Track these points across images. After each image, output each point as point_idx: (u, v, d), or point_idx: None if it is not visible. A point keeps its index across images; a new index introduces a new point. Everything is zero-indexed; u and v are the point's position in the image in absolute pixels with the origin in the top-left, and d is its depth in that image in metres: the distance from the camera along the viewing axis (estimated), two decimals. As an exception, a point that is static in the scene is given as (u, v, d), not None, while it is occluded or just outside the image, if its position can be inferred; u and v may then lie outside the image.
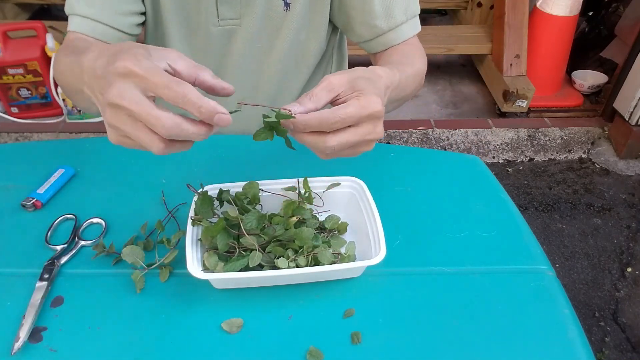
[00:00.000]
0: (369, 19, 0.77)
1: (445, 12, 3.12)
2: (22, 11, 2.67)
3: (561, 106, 2.37)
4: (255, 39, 0.81)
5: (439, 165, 0.81)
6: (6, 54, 1.96)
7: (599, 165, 2.18)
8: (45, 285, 0.58)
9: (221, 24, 0.79)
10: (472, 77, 2.63)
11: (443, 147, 2.19)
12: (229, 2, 0.76)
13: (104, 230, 0.66)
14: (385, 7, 0.76)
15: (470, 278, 0.62)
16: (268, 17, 0.79)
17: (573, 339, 0.56)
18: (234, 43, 0.82)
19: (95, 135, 2.05)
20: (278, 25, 0.80)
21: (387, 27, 0.78)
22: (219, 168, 0.77)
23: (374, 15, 0.77)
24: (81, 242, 0.64)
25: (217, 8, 0.77)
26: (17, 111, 2.14)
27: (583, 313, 1.58)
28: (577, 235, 1.85)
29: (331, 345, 0.54)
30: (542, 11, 2.19)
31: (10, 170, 0.75)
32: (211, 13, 0.77)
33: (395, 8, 0.76)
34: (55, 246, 0.63)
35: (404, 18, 0.78)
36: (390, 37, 0.79)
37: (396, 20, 0.77)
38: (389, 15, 0.77)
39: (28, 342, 0.53)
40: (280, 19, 0.79)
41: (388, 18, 0.77)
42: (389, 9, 0.76)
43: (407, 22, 0.78)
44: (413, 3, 0.78)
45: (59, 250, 0.63)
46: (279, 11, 0.78)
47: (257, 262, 0.56)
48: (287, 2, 0.77)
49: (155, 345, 0.54)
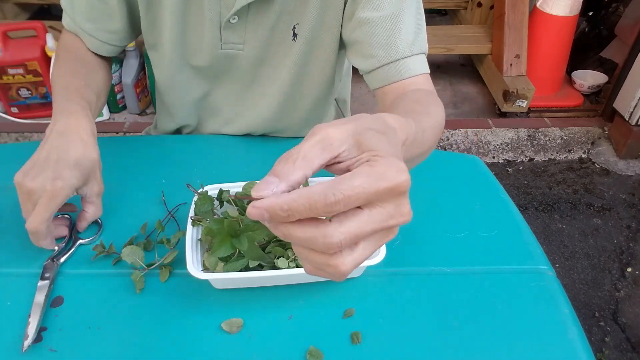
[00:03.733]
0: (368, 50, 0.71)
1: (445, 12, 3.12)
2: (22, 11, 2.67)
3: (561, 106, 2.37)
4: (258, 63, 0.79)
5: (439, 165, 0.81)
6: (6, 54, 1.96)
7: (599, 165, 2.18)
8: (48, 284, 0.59)
9: (224, 47, 0.77)
10: (472, 77, 2.63)
11: (443, 147, 2.19)
12: (233, 27, 0.74)
13: (100, 228, 0.67)
14: (387, 36, 0.70)
15: (470, 278, 0.62)
16: (274, 45, 0.77)
17: (573, 339, 0.56)
18: (235, 65, 0.80)
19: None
20: (284, 54, 0.78)
21: (387, 59, 0.70)
22: (219, 168, 0.77)
23: (375, 46, 0.71)
24: (79, 240, 0.65)
25: (221, 32, 0.75)
26: (17, 111, 2.13)
27: (583, 313, 1.58)
28: (577, 235, 1.85)
29: (331, 345, 0.54)
30: (542, 11, 2.18)
31: (10, 170, 0.75)
32: (214, 36, 0.75)
33: (398, 40, 0.70)
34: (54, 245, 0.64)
35: (408, 52, 0.70)
36: (391, 70, 0.71)
37: (398, 51, 0.70)
38: (391, 45, 0.70)
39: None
40: (287, 48, 0.77)
41: (389, 48, 0.70)
42: (391, 38, 0.70)
43: (411, 56, 0.70)
44: (421, 40, 0.72)
45: (57, 249, 0.63)
46: (286, 40, 0.76)
47: (257, 262, 0.56)
48: (295, 33, 0.75)
49: (155, 345, 0.54)
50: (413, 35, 0.70)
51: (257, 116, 0.86)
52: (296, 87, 0.82)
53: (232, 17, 0.72)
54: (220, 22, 0.73)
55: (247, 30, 0.75)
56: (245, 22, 0.74)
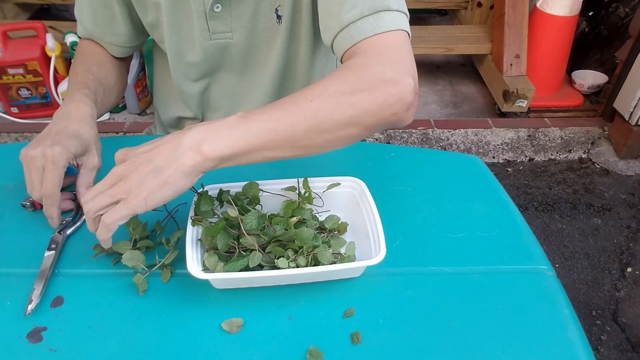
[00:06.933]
0: (326, 20, 0.66)
1: (445, 12, 3.12)
2: (22, 11, 2.67)
3: (561, 106, 2.37)
4: (250, 51, 0.81)
5: (439, 165, 0.81)
6: (6, 54, 1.96)
7: (599, 165, 2.18)
8: (54, 255, 0.61)
9: (213, 37, 0.78)
10: (472, 77, 2.63)
11: (443, 147, 2.19)
12: (219, 17, 0.76)
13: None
14: (340, 2, 0.62)
15: (470, 278, 0.62)
16: (261, 29, 0.78)
17: (573, 338, 0.56)
18: (228, 55, 0.82)
19: (95, 135, 2.05)
20: (271, 37, 0.79)
21: (338, 26, 0.63)
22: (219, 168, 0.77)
23: (330, 14, 0.64)
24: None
25: (208, 23, 0.76)
26: (17, 111, 2.14)
27: (583, 313, 1.58)
28: (577, 235, 1.85)
29: (331, 345, 0.54)
30: (542, 11, 2.19)
31: (10, 170, 0.75)
32: (202, 28, 0.77)
33: (352, 3, 0.61)
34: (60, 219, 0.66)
35: (357, 13, 0.61)
36: (343, 38, 0.63)
37: (347, 16, 0.61)
38: (342, 10, 0.62)
39: (28, 342, 0.53)
40: (274, 32, 0.79)
41: (340, 14, 0.62)
42: (344, 3, 0.62)
43: (362, 18, 0.61)
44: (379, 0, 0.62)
45: (64, 222, 0.66)
46: (272, 24, 0.78)
47: (257, 262, 0.56)
48: (279, 15, 0.76)
49: (155, 345, 0.54)
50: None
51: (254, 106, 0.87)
52: (287, 70, 0.84)
53: (215, 5, 0.74)
54: (206, 13, 0.75)
55: (233, 18, 0.76)
56: (229, 10, 0.75)
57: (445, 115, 2.39)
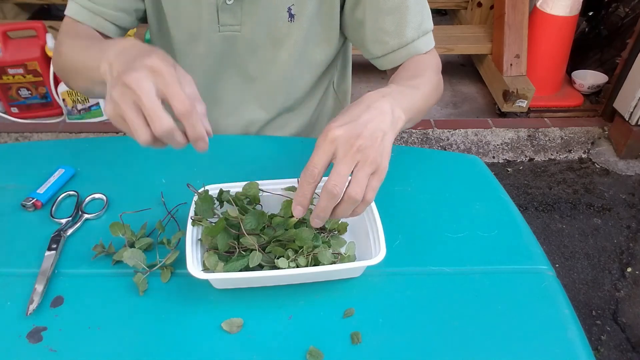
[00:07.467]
0: (380, 36, 0.77)
1: (445, 12, 3.12)
2: (22, 11, 2.67)
3: (561, 106, 2.37)
4: (257, 46, 0.81)
5: (439, 165, 0.81)
6: (6, 54, 1.96)
7: (599, 165, 2.18)
8: (54, 255, 0.61)
9: (221, 29, 0.78)
10: (472, 77, 2.63)
11: (443, 147, 2.19)
12: (230, 9, 0.76)
13: (105, 205, 0.69)
14: (397, 24, 0.76)
15: (470, 278, 0.62)
16: (270, 26, 0.78)
17: (573, 338, 0.56)
18: (235, 49, 0.81)
19: (95, 135, 2.05)
20: (282, 36, 0.79)
21: (397, 45, 0.77)
22: (219, 168, 0.77)
23: (385, 33, 0.76)
24: (85, 215, 0.66)
25: (218, 15, 0.76)
26: (17, 111, 2.13)
27: (583, 313, 1.58)
28: (577, 235, 1.85)
29: (331, 345, 0.54)
30: (542, 11, 2.18)
31: (10, 170, 0.75)
32: (212, 19, 0.77)
33: (407, 26, 0.76)
34: (60, 219, 0.66)
35: (415, 35, 0.76)
36: (401, 54, 0.78)
37: (407, 37, 0.76)
38: (401, 33, 0.76)
39: (28, 342, 0.53)
40: (285, 30, 0.79)
41: (399, 36, 0.76)
42: (401, 26, 0.76)
43: (418, 39, 0.77)
44: (426, 20, 0.77)
45: (64, 222, 0.65)
46: (282, 22, 0.78)
47: (257, 262, 0.56)
48: (292, 14, 0.77)
49: (155, 345, 0.54)
50: (419, 17, 0.76)
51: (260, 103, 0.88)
52: (297, 67, 0.84)
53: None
54: (217, 5, 0.75)
55: (244, 12, 0.77)
56: (241, 3, 0.76)
57: (445, 115, 2.38)
